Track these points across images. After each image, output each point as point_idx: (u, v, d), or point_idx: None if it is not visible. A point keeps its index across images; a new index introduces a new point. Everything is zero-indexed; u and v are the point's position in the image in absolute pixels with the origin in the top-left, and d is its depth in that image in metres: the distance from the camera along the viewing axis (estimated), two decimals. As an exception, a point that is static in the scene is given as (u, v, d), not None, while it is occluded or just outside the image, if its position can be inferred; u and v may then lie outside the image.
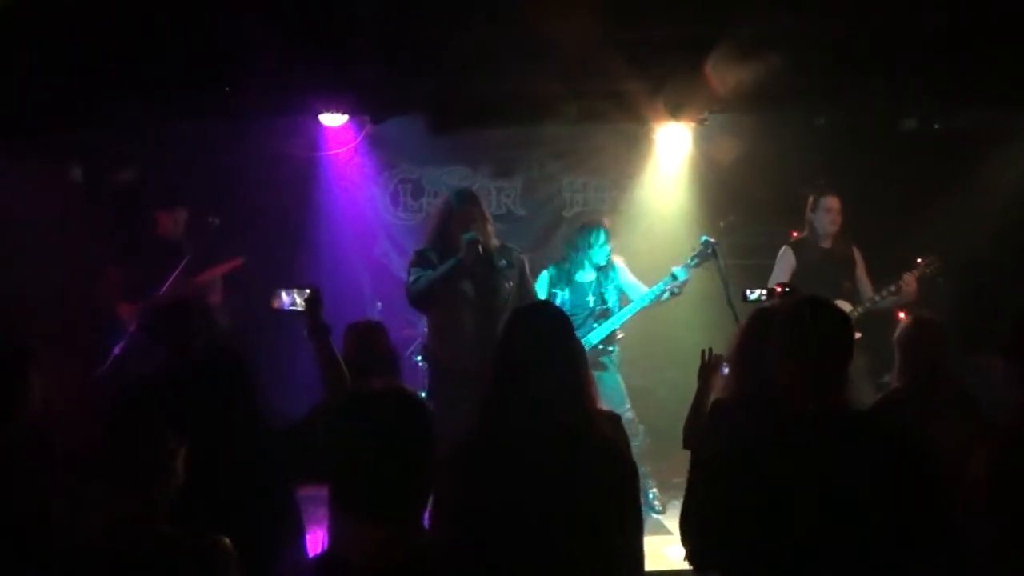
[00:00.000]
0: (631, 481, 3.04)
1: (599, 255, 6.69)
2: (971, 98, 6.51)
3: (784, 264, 6.84)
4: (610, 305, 6.70)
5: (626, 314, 6.64)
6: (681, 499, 3.62)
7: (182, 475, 2.92)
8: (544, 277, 6.77)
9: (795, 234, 7.07)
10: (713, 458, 2.94)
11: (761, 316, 3.73)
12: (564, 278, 6.74)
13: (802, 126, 7.27)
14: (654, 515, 6.54)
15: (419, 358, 7.15)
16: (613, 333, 6.68)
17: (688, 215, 7.75)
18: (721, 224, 7.51)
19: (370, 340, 4.62)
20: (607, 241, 6.71)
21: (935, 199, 6.93)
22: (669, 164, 7.63)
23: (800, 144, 7.33)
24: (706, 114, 6.63)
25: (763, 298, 5.14)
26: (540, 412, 2.91)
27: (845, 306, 6.67)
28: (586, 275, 6.75)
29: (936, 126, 7.25)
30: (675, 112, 6.51)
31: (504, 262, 5.84)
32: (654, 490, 6.73)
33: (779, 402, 2.88)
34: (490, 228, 5.88)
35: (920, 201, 7.15)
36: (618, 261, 6.84)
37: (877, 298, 6.52)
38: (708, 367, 4.12)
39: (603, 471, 2.95)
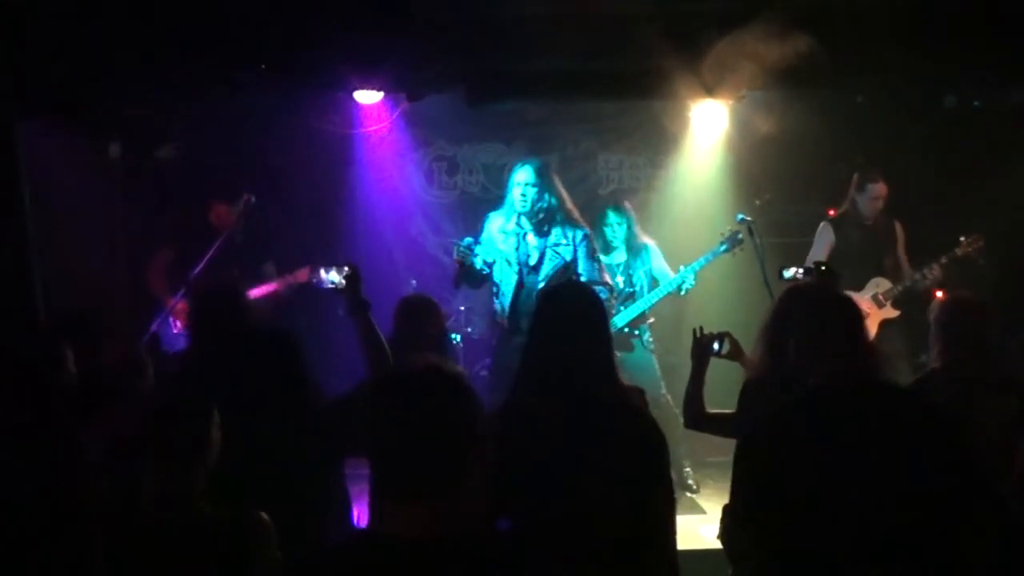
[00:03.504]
0: (661, 449, 3.06)
1: (613, 235, 6.71)
2: (1012, 75, 6.42)
3: (823, 241, 6.78)
4: (637, 288, 6.69)
5: (651, 299, 6.62)
6: (714, 479, 3.65)
7: (216, 453, 2.99)
8: None
9: (832, 212, 7.01)
10: (745, 437, 2.94)
11: (788, 296, 3.72)
12: None
13: (840, 104, 7.20)
14: (688, 494, 6.53)
15: (456, 336, 7.19)
16: (642, 316, 6.67)
17: (724, 193, 7.70)
18: (758, 202, 7.48)
19: (422, 316, 4.63)
20: (619, 221, 6.72)
21: (975, 177, 6.84)
22: (705, 142, 7.57)
23: (838, 122, 7.27)
24: (744, 91, 6.57)
25: (799, 276, 5.13)
26: (570, 386, 2.95)
27: (885, 283, 6.59)
28: (616, 256, 6.74)
29: (976, 103, 7.15)
30: (712, 89, 6.46)
31: (561, 236, 6.00)
32: (688, 469, 6.72)
33: (802, 381, 2.90)
34: (563, 197, 6.13)
35: (960, 180, 7.07)
36: (651, 244, 6.82)
37: (918, 276, 6.46)
38: (699, 345, 4.13)
39: (635, 440, 2.98)
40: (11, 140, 5.92)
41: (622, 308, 6.61)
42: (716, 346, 4.11)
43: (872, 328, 6.27)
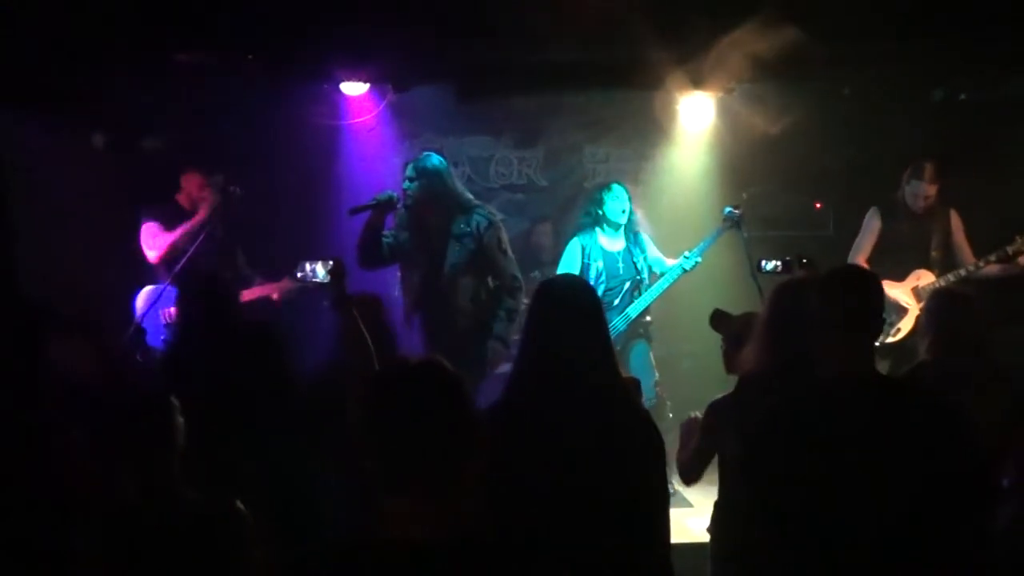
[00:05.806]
0: (659, 447, 3.04)
1: (613, 212, 6.54)
2: (1001, 68, 6.42)
3: (869, 228, 6.64)
4: (643, 276, 6.63)
5: (658, 290, 6.61)
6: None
7: (182, 439, 3.05)
8: (575, 246, 6.61)
9: (818, 205, 6.98)
10: (746, 435, 2.92)
11: (790, 287, 3.71)
12: (595, 248, 6.58)
13: (828, 96, 7.19)
14: (676, 487, 6.50)
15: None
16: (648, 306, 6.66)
17: (711, 186, 7.70)
18: (744, 196, 7.45)
19: (365, 313, 4.58)
20: (621, 198, 6.57)
21: (964, 170, 6.83)
22: (693, 134, 7.56)
23: (826, 114, 7.26)
24: (733, 84, 6.56)
25: (778, 269, 5.15)
26: (570, 380, 2.93)
27: (928, 276, 6.39)
28: (614, 244, 6.64)
29: (963, 96, 7.15)
30: (699, 82, 6.44)
31: (464, 227, 5.86)
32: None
33: (813, 372, 2.88)
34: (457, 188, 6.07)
35: (949, 172, 7.06)
36: (644, 233, 6.78)
37: (971, 267, 6.25)
38: (687, 427, 4.05)
39: (634, 437, 2.97)
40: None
41: (632, 297, 6.59)
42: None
43: (910, 321, 6.25)
